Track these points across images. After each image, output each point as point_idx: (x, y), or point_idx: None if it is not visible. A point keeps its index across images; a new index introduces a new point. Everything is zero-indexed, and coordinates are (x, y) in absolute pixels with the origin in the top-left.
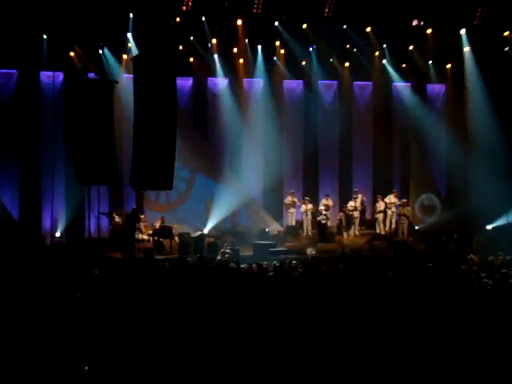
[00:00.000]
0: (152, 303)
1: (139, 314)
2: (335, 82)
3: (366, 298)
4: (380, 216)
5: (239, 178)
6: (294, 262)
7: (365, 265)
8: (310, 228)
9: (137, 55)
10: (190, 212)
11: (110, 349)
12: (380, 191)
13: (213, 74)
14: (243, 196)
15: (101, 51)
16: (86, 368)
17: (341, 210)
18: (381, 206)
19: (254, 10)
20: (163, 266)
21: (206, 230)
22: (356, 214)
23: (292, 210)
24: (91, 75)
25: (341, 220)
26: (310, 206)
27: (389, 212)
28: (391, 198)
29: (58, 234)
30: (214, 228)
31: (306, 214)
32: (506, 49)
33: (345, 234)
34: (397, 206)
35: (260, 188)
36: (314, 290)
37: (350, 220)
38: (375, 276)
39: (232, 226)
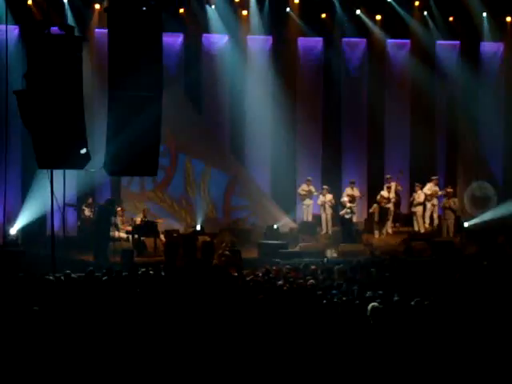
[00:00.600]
0: (128, 323)
1: (109, 337)
2: (363, 40)
3: (403, 316)
4: (419, 210)
5: (241, 161)
6: (312, 266)
7: (400, 272)
8: (330, 224)
9: (111, 5)
10: (175, 199)
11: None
12: (419, 178)
13: (208, 29)
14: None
15: None
16: None
17: (375, 201)
18: (420, 196)
19: None
20: (145, 272)
21: (198, 226)
22: (390, 207)
23: (308, 201)
24: (54, 30)
25: (373, 214)
26: (329, 197)
27: (429, 205)
28: (431, 187)
29: (12, 232)
30: (206, 217)
31: (325, 207)
32: None
33: (376, 232)
34: (439, 197)
35: (267, 173)
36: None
37: (385, 215)
38: (413, 287)
39: (231, 222)
